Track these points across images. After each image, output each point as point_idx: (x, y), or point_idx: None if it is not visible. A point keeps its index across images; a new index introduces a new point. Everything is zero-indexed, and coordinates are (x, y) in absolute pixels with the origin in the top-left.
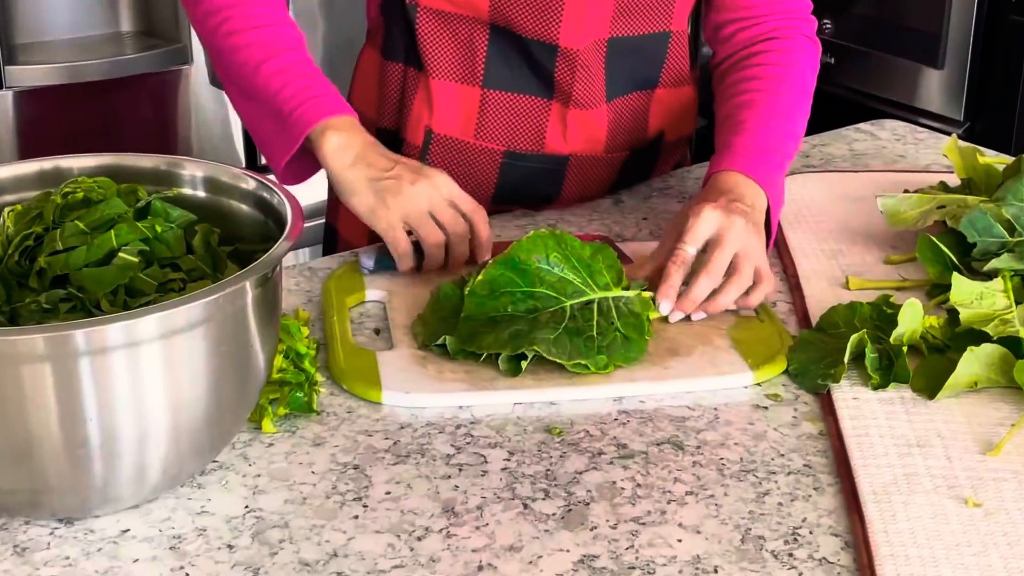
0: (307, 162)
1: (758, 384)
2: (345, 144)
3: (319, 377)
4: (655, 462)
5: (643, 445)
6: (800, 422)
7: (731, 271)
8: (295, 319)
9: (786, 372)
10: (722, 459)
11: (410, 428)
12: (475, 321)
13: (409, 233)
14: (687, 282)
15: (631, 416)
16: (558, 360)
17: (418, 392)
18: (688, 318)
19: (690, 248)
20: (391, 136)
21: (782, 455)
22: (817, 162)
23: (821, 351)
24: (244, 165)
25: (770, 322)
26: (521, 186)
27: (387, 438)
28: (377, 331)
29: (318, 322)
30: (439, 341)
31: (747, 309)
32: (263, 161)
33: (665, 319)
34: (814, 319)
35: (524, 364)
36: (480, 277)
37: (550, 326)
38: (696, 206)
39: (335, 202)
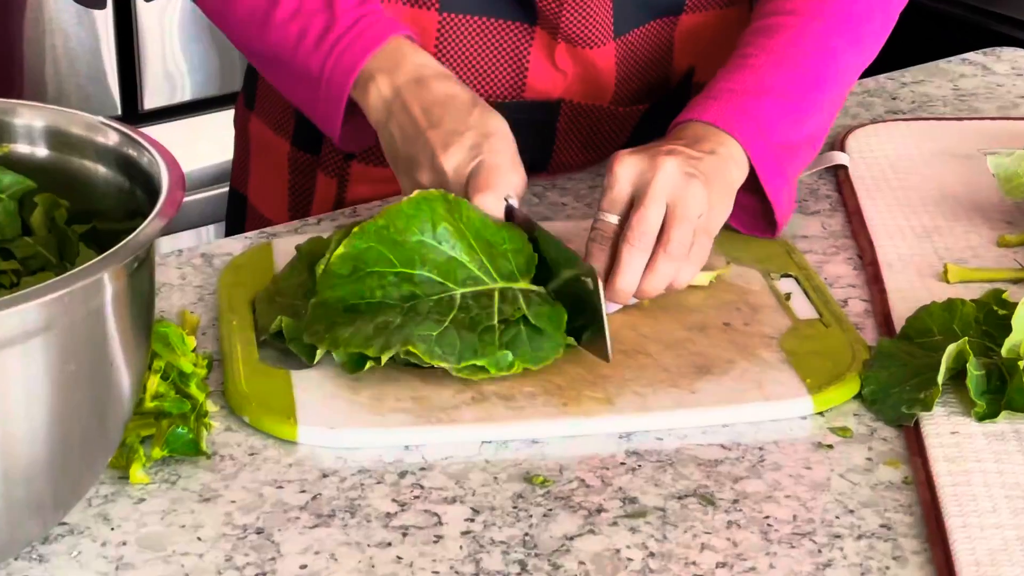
0: (364, 123)
1: (819, 413)
2: (382, 92)
3: (211, 406)
4: (676, 523)
5: (659, 499)
6: (876, 466)
7: (658, 237)
8: (178, 326)
9: (858, 397)
10: (768, 518)
11: (336, 477)
12: (329, 309)
13: None
14: None
15: (643, 459)
16: (442, 364)
17: (348, 427)
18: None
19: (608, 215)
20: None
21: (851, 512)
22: (907, 106)
23: (907, 368)
24: (120, 113)
25: (837, 327)
26: None
27: (303, 491)
28: None
29: (211, 329)
30: (274, 328)
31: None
32: (149, 104)
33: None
34: (898, 323)
35: (383, 358)
36: (340, 250)
37: (432, 318)
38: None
39: (243, 160)
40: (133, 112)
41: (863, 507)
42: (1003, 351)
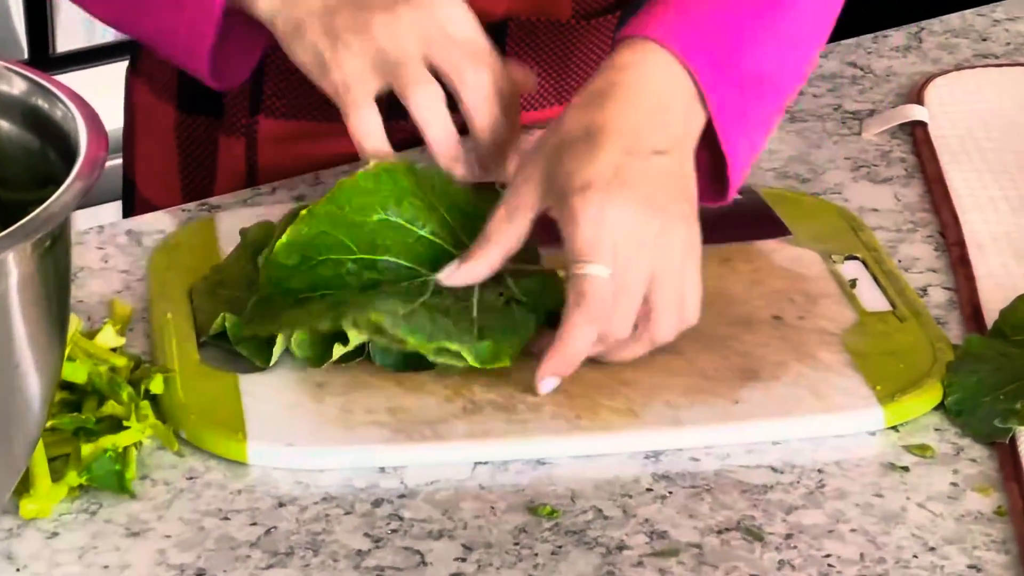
0: (246, 39)
1: (893, 428)
2: None
3: (140, 420)
4: (715, 563)
5: (695, 534)
6: (964, 492)
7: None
8: (107, 320)
9: (941, 407)
10: (829, 557)
11: (295, 506)
12: (274, 305)
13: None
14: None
15: (675, 484)
16: (412, 342)
17: (310, 444)
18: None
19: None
20: None
21: (932, 550)
22: (1001, 48)
23: (1001, 372)
24: (28, 57)
25: (914, 321)
26: None
27: (255, 523)
28: None
29: (141, 323)
30: (216, 327)
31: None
32: (63, 47)
33: None
34: (990, 316)
35: (347, 345)
36: (284, 238)
37: (397, 298)
38: (526, 158)
39: (129, 137)
40: (43, 56)
41: (947, 544)
42: None
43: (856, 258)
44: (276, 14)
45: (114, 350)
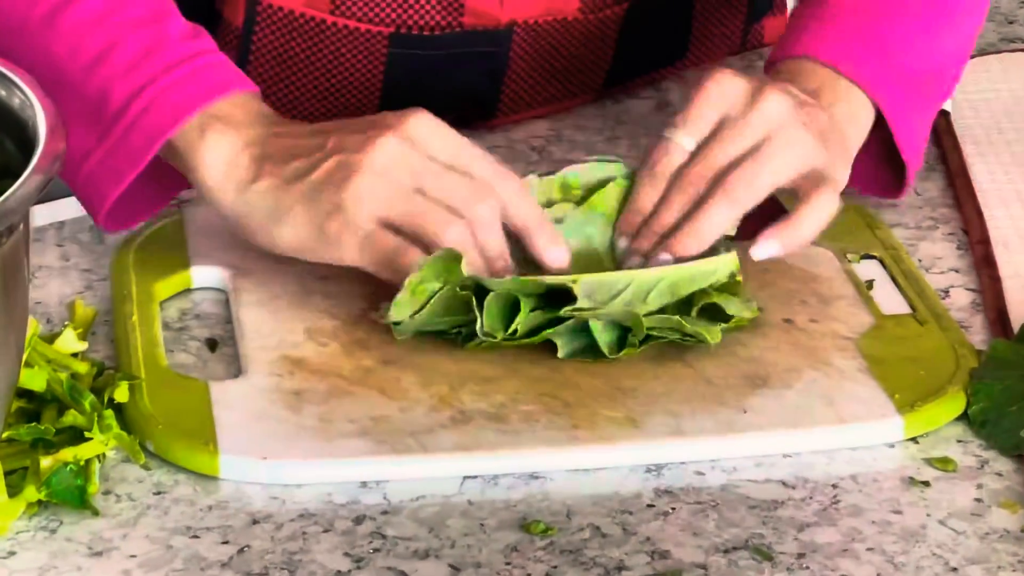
0: (153, 188)
1: (912, 440)
2: (239, 146)
3: (103, 431)
4: None
5: (699, 553)
6: (989, 509)
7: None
8: (68, 323)
9: (964, 417)
10: None
11: (270, 523)
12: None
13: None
14: None
15: (678, 499)
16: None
17: (286, 457)
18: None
19: (683, 136)
20: (200, 18)
21: (954, 570)
22: None
23: None
24: None
25: (935, 324)
26: (428, 90)
27: (226, 542)
28: (213, 343)
29: (105, 326)
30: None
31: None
32: None
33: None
34: (1016, 320)
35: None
36: None
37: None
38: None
39: None
40: None
41: (970, 563)
42: None
43: (873, 257)
44: (241, 206)
45: (75, 355)
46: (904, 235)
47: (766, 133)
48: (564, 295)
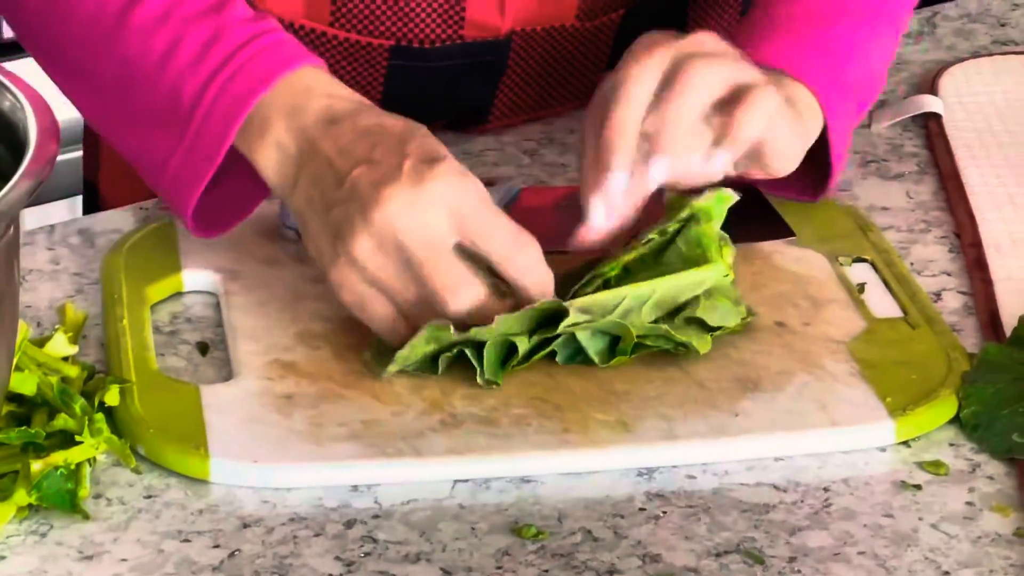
0: (241, 188)
1: (904, 443)
2: (290, 143)
3: (94, 435)
4: None
5: (691, 557)
6: (980, 513)
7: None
8: (58, 326)
9: (956, 421)
10: None
11: (260, 527)
12: None
13: None
14: None
15: (670, 503)
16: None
17: (277, 460)
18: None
19: (626, 108)
20: None
21: (946, 574)
22: (1020, 34)
23: (1020, 383)
24: None
25: (927, 328)
26: (427, 101)
27: (217, 546)
28: (204, 347)
29: (95, 330)
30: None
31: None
32: (9, 32)
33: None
34: (1008, 324)
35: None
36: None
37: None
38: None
39: (93, 146)
40: None
41: (962, 567)
42: None
43: (865, 260)
44: (285, 191)
45: (66, 359)
46: (896, 238)
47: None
48: (557, 315)
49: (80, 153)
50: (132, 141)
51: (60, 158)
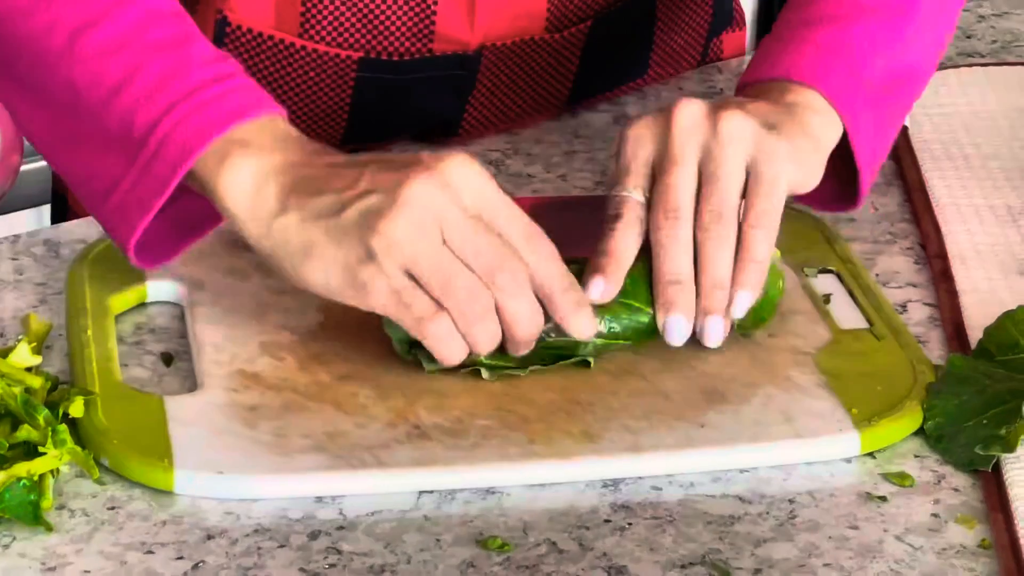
0: (185, 218)
1: (869, 455)
2: (263, 174)
3: (57, 446)
4: None
5: (656, 569)
6: (945, 524)
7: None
8: (22, 336)
9: (920, 433)
10: None
11: (224, 539)
12: None
13: None
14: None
15: (635, 515)
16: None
17: (241, 472)
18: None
19: (632, 191)
20: None
21: None
22: (987, 46)
23: (985, 394)
24: None
25: (892, 339)
26: (395, 113)
27: (181, 557)
28: (168, 358)
29: (59, 340)
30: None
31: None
32: None
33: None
34: (974, 335)
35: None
36: None
37: None
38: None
39: None
40: None
41: None
42: None
43: (831, 271)
44: (265, 236)
45: (29, 370)
46: (861, 249)
47: (750, 150)
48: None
49: (42, 163)
50: (76, 164)
51: (29, 167)
